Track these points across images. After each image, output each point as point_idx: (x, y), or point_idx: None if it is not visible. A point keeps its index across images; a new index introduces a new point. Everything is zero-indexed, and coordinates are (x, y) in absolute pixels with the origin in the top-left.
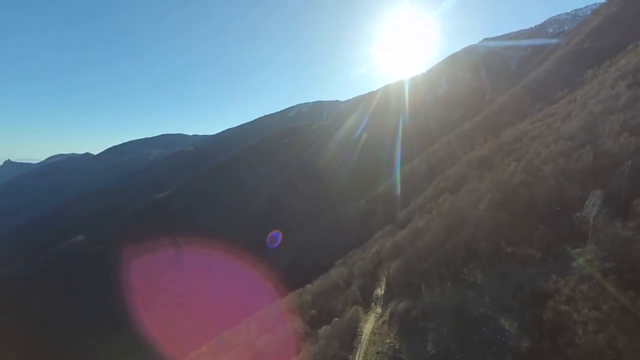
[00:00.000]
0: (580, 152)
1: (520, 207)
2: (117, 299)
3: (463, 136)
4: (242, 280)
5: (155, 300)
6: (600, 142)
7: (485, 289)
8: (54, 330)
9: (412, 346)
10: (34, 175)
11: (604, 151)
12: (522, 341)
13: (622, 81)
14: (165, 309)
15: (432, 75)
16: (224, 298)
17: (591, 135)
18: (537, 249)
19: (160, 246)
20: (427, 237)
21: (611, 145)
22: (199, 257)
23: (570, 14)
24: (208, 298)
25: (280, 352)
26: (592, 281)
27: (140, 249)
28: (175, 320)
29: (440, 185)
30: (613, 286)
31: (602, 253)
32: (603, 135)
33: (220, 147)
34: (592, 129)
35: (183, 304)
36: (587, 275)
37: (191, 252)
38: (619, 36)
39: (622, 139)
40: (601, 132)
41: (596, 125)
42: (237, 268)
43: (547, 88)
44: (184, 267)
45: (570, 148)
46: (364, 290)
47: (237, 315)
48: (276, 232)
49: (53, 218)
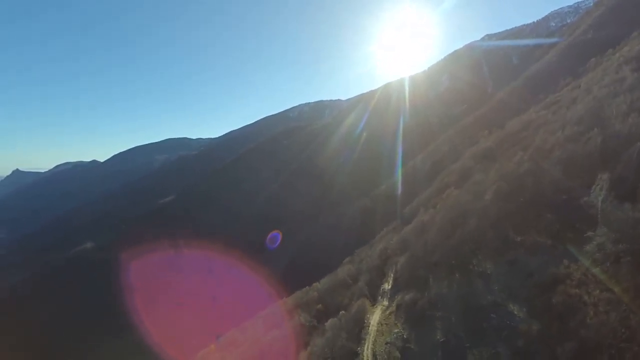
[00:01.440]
0: (588, 136)
1: (527, 195)
2: (121, 302)
3: (466, 130)
4: (244, 280)
5: (158, 302)
6: (608, 125)
7: (494, 277)
8: (57, 332)
9: (420, 335)
10: (42, 183)
11: (612, 133)
12: (533, 325)
13: (626, 66)
14: (168, 311)
15: (433, 73)
16: (226, 299)
17: (598, 119)
18: (546, 237)
19: (162, 249)
20: (434, 230)
21: (620, 127)
22: (201, 259)
23: (573, 7)
24: (210, 299)
25: (288, 345)
26: (605, 264)
27: (144, 253)
28: (177, 322)
29: (444, 180)
30: (626, 268)
31: (614, 235)
32: (611, 117)
33: (224, 150)
34: (598, 113)
35: (185, 305)
36: (599, 258)
37: (193, 254)
38: (622, 26)
39: (631, 120)
40: (608, 115)
41: (602, 108)
42: (238, 269)
43: (550, 79)
44: (186, 269)
45: (577, 133)
46: (371, 285)
47: (240, 315)
48: (276, 232)
49: (60, 225)
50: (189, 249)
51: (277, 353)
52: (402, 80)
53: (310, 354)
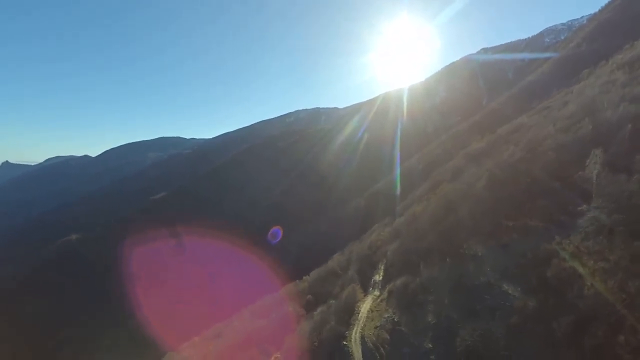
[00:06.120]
0: (579, 126)
1: (519, 181)
2: (110, 295)
3: (459, 135)
4: (241, 279)
5: (149, 296)
6: (599, 114)
7: (486, 260)
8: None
9: (411, 318)
10: (32, 176)
11: (603, 120)
12: (528, 301)
13: (619, 71)
14: (163, 305)
15: (430, 84)
16: (222, 297)
17: (589, 111)
18: (539, 220)
19: (154, 243)
20: (425, 218)
21: (611, 115)
22: (193, 257)
23: (567, 24)
24: (204, 297)
25: (274, 333)
26: (598, 237)
27: (134, 249)
28: (170, 319)
29: (437, 178)
30: (620, 237)
31: (609, 206)
32: (602, 109)
33: (217, 150)
34: (590, 106)
35: (179, 300)
36: (592, 231)
37: (185, 252)
38: (615, 39)
39: (622, 108)
40: (599, 107)
41: (594, 102)
42: (236, 268)
43: (544, 89)
44: (179, 263)
45: (569, 124)
46: (362, 274)
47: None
48: (277, 228)
49: (50, 219)
50: (183, 249)
51: (263, 339)
52: (400, 90)
53: (298, 338)
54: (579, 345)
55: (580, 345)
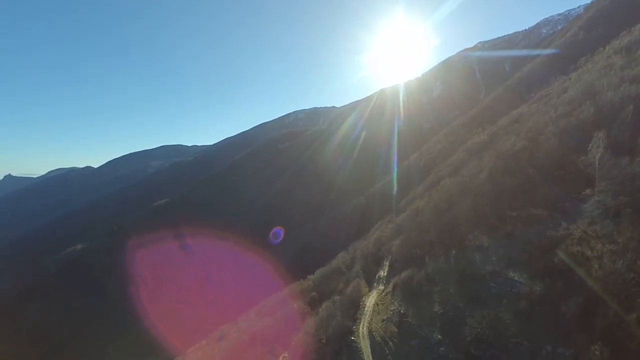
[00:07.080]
0: (580, 110)
1: (522, 171)
2: (116, 302)
3: (459, 129)
4: (245, 280)
5: (154, 300)
6: (600, 97)
7: (491, 249)
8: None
9: (418, 309)
10: (35, 189)
11: (604, 102)
12: (535, 286)
13: (616, 55)
14: (167, 309)
15: (426, 79)
16: (226, 299)
17: (590, 95)
18: (543, 209)
19: (159, 249)
20: (428, 211)
21: (612, 96)
22: (197, 259)
23: (563, 14)
24: (207, 300)
25: (281, 332)
26: (605, 220)
27: (138, 254)
28: (176, 322)
29: (439, 174)
30: (628, 219)
31: (614, 188)
32: (602, 91)
33: (219, 156)
34: (590, 90)
35: (184, 303)
36: (598, 215)
37: (191, 253)
38: (612, 27)
39: (622, 89)
40: (599, 90)
41: (594, 86)
42: (240, 269)
43: (542, 78)
44: (184, 268)
45: (569, 110)
46: (367, 271)
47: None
48: (278, 228)
49: (54, 230)
50: (185, 247)
51: (270, 338)
52: (396, 86)
53: (305, 335)
54: (590, 327)
55: (590, 326)
